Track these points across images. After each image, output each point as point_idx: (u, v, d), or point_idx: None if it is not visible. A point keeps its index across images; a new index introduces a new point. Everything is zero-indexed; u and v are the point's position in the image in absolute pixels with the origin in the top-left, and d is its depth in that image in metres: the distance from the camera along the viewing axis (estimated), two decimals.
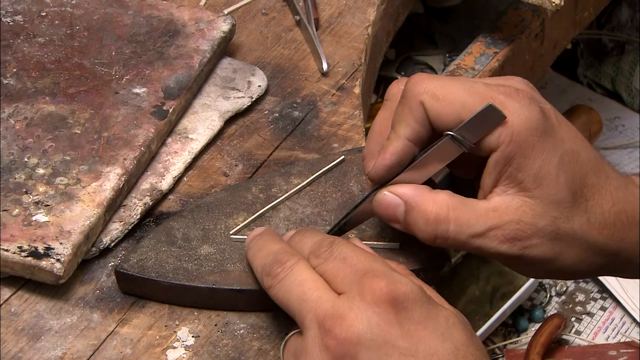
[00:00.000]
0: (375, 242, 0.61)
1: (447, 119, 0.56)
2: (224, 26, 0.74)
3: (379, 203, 0.57)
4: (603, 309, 1.07)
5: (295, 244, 0.56)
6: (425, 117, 0.56)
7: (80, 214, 0.61)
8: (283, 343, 0.54)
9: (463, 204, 0.56)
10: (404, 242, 0.61)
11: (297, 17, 0.79)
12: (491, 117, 0.54)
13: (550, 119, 0.56)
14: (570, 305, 1.08)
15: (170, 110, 0.68)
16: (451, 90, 0.56)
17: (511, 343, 1.06)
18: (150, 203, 0.65)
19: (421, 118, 0.56)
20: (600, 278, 1.07)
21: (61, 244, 0.60)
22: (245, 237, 0.61)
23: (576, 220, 0.56)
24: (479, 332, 1.01)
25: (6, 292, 0.61)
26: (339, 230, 0.60)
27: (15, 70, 0.70)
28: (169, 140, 0.69)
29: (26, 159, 0.65)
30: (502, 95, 0.55)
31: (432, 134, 0.57)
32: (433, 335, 0.50)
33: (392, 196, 0.57)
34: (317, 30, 0.78)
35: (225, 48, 0.75)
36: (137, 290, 0.61)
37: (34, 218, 0.61)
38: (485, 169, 0.56)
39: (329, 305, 0.50)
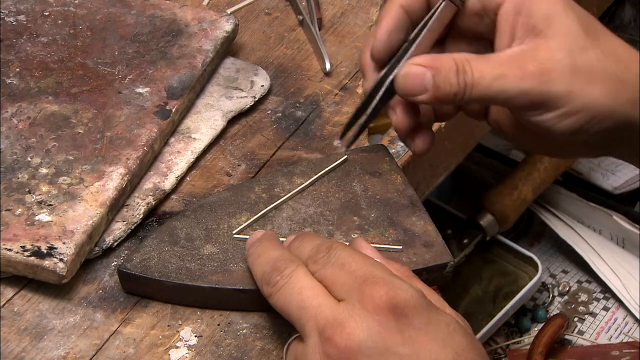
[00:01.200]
0: (378, 245, 0.61)
1: None
2: (227, 26, 0.74)
3: (405, 77, 0.57)
4: (606, 309, 1.07)
5: (295, 249, 0.55)
6: None
7: (83, 214, 0.61)
8: (285, 347, 0.54)
9: (481, 55, 0.57)
10: (406, 243, 0.61)
11: (300, 17, 0.79)
12: None
13: None
14: (573, 306, 1.08)
15: (173, 110, 0.68)
16: None
17: (514, 343, 1.06)
18: (153, 203, 0.65)
19: None
20: (603, 278, 1.07)
21: (64, 243, 0.60)
22: (248, 236, 0.61)
23: (591, 52, 0.56)
24: (481, 332, 1.01)
25: (9, 292, 0.61)
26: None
27: (18, 69, 0.70)
28: (172, 140, 0.69)
29: (29, 159, 0.65)
30: None
31: (423, 7, 0.59)
32: (434, 341, 0.50)
33: (415, 67, 0.57)
34: (320, 30, 0.78)
35: (228, 48, 0.75)
36: (139, 290, 0.60)
37: (36, 218, 0.61)
38: (496, 29, 0.57)
39: (329, 313, 0.50)
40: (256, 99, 0.72)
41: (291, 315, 0.52)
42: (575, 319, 1.07)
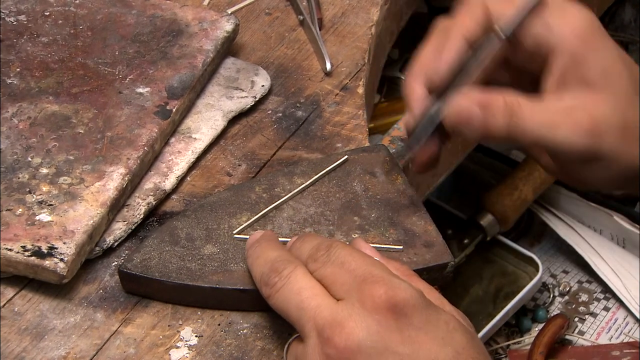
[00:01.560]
0: (379, 245, 0.61)
1: (507, 20, 0.56)
2: (228, 26, 0.74)
3: (454, 110, 0.56)
4: (606, 309, 1.07)
5: (295, 250, 0.55)
6: (486, 18, 0.57)
7: (83, 214, 0.61)
8: (286, 347, 0.54)
9: (533, 98, 0.56)
10: (406, 243, 0.61)
11: (301, 17, 0.79)
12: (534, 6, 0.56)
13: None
14: (574, 306, 1.08)
15: (174, 110, 0.68)
16: None
17: (514, 343, 1.06)
18: (154, 203, 0.65)
19: (481, 19, 0.57)
20: (603, 278, 1.07)
21: (64, 243, 0.60)
22: (249, 236, 0.61)
23: None
24: (482, 332, 1.01)
25: (9, 292, 0.61)
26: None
27: (18, 69, 0.70)
28: (173, 140, 0.69)
29: (30, 159, 0.65)
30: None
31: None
32: (434, 340, 0.50)
33: (465, 101, 0.56)
34: (320, 30, 0.78)
35: (229, 48, 0.75)
36: (140, 289, 0.60)
37: (37, 217, 0.61)
38: (546, 73, 0.57)
39: (328, 313, 0.50)
40: (257, 99, 0.72)
41: (290, 316, 0.52)
42: (576, 319, 1.07)
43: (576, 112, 0.55)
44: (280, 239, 0.60)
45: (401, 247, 0.61)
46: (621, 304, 1.06)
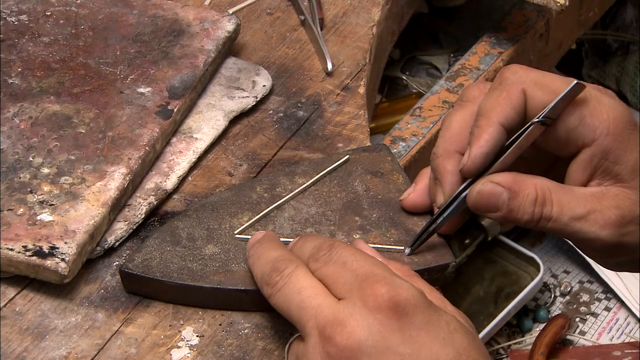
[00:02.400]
0: (380, 245, 0.61)
1: (544, 107, 0.56)
2: (229, 26, 0.74)
3: (481, 195, 0.57)
4: (607, 309, 1.07)
5: (297, 250, 0.55)
6: (523, 104, 0.56)
7: (85, 214, 0.61)
8: (287, 345, 0.54)
9: (563, 187, 0.57)
10: (408, 244, 0.61)
11: (302, 17, 0.79)
12: (573, 95, 0.56)
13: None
14: (575, 306, 1.08)
15: (175, 110, 0.68)
16: (553, 79, 0.57)
17: (515, 343, 1.06)
18: (155, 203, 0.65)
19: (519, 105, 0.56)
20: (604, 278, 1.07)
21: (66, 243, 0.60)
22: (250, 236, 0.61)
23: None
24: (483, 332, 1.01)
25: (11, 292, 0.61)
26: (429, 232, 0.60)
27: (20, 69, 0.70)
28: (174, 139, 0.69)
29: (31, 159, 0.65)
30: (595, 90, 0.57)
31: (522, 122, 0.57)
32: (435, 340, 0.50)
33: (493, 185, 0.56)
34: (321, 30, 0.78)
35: (230, 48, 0.75)
36: (141, 289, 0.60)
37: (38, 217, 0.61)
38: (576, 162, 0.57)
39: (329, 312, 0.50)
40: (258, 99, 0.72)
41: (291, 315, 0.52)
42: (577, 319, 1.07)
43: (604, 204, 0.56)
44: (282, 239, 0.60)
45: (402, 247, 0.61)
46: (622, 304, 1.06)
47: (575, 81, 0.55)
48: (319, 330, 0.50)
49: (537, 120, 0.56)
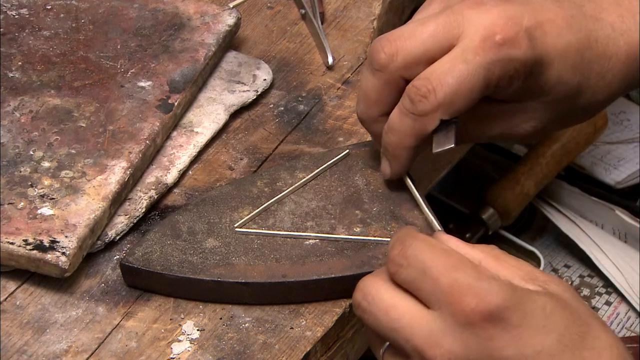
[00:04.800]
0: (380, 238, 0.61)
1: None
2: (230, 20, 0.74)
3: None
4: (608, 303, 1.07)
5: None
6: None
7: (85, 207, 0.61)
8: (382, 351, 0.52)
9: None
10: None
11: (303, 11, 0.79)
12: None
13: None
14: None
15: (176, 104, 0.68)
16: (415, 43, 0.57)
17: None
18: (156, 196, 0.65)
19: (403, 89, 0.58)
20: (605, 272, 1.06)
21: (66, 237, 0.60)
22: (250, 230, 0.61)
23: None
24: None
25: (11, 285, 0.61)
26: None
27: (20, 63, 0.70)
28: (174, 133, 0.69)
29: (31, 152, 0.65)
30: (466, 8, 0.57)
31: None
32: (535, 331, 0.48)
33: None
34: (322, 23, 0.78)
35: (231, 42, 0.74)
36: (142, 283, 0.60)
37: (39, 211, 0.61)
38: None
39: (422, 333, 0.49)
40: (258, 93, 0.72)
41: (385, 336, 0.51)
42: None
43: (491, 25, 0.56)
44: (284, 233, 0.60)
45: None
46: (623, 298, 1.06)
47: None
48: (418, 352, 0.49)
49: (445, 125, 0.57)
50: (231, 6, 0.76)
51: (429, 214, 0.61)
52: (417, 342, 0.49)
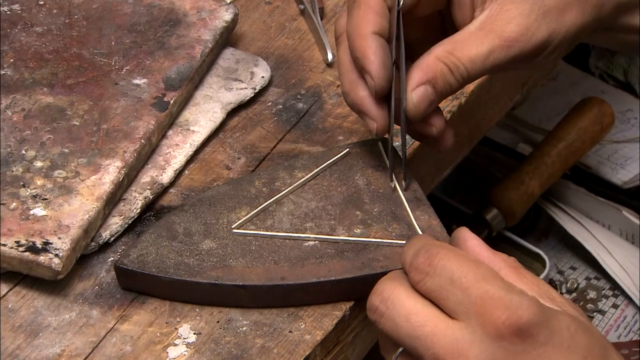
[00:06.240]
0: (381, 239, 0.60)
1: None
2: (227, 15, 0.73)
3: (417, 105, 0.58)
4: (615, 306, 1.06)
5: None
6: (384, 5, 0.57)
7: (79, 208, 0.61)
8: (395, 357, 0.51)
9: (458, 41, 0.58)
10: (410, 238, 0.60)
11: (302, 7, 0.79)
12: None
13: None
14: (582, 303, 1.07)
15: (172, 102, 0.67)
16: None
17: None
18: (151, 197, 0.65)
19: (381, 8, 0.57)
20: (612, 274, 1.05)
21: (59, 238, 0.59)
22: (248, 231, 0.60)
23: None
24: None
25: (3, 288, 0.60)
26: None
27: (12, 60, 0.69)
28: (170, 132, 0.68)
29: (24, 152, 0.64)
30: None
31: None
32: (560, 350, 0.48)
33: (417, 90, 0.58)
34: (322, 19, 0.78)
35: (228, 38, 0.74)
36: (137, 286, 0.60)
37: (31, 212, 0.60)
38: (454, 5, 0.59)
39: (446, 342, 0.48)
40: (256, 91, 0.71)
41: (403, 343, 0.50)
42: None
43: (497, 25, 0.57)
44: (281, 234, 0.59)
45: (404, 242, 0.60)
46: (630, 301, 1.05)
47: None
48: None
49: (399, 7, 0.57)
50: (228, 2, 0.76)
51: (411, 216, 0.61)
52: (440, 351, 0.48)
